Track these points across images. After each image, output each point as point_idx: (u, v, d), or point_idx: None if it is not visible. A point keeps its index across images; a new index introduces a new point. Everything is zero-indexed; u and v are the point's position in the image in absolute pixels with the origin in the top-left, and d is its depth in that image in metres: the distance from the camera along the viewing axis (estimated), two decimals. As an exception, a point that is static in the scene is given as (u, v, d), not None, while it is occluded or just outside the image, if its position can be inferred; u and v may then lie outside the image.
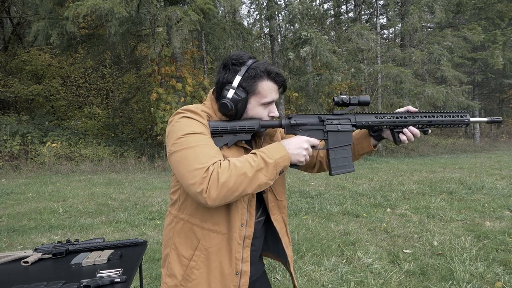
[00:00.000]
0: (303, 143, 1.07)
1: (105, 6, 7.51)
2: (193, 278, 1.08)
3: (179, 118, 1.05)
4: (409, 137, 1.18)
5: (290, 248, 1.31)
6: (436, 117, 1.18)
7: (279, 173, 1.01)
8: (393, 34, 20.59)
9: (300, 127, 1.15)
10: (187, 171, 0.95)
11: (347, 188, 6.54)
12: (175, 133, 1.02)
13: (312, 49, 10.35)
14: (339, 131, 1.16)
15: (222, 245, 1.08)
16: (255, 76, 1.07)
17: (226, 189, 0.92)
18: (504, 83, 16.47)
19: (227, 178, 0.92)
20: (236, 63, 1.08)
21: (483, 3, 14.09)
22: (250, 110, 1.11)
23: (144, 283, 2.76)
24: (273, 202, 1.21)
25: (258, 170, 0.96)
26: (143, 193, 6.56)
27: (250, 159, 0.98)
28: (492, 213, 4.55)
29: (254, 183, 0.96)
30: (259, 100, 1.10)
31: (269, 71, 1.08)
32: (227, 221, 1.08)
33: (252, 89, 1.08)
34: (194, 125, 1.03)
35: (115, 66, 15.54)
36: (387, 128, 1.20)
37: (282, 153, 1.01)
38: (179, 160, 0.98)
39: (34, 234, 4.15)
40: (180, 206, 1.13)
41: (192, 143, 0.98)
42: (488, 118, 1.21)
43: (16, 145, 10.10)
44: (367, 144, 1.26)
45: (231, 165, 0.95)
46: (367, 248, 3.40)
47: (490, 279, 2.69)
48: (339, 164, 1.17)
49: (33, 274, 1.42)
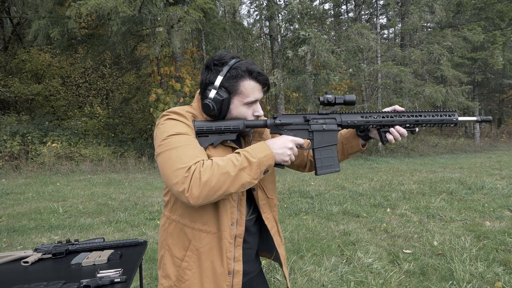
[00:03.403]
0: (287, 143, 1.07)
1: (108, 6, 7.51)
2: (186, 279, 1.08)
3: (164, 120, 1.06)
4: (396, 137, 1.17)
5: (283, 247, 1.30)
6: (424, 116, 1.17)
7: (263, 172, 1.01)
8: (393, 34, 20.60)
9: (285, 126, 1.14)
10: (170, 171, 0.96)
11: (347, 188, 6.54)
12: (161, 135, 1.03)
13: (310, 48, 10.36)
14: (324, 131, 1.16)
15: (213, 245, 1.08)
16: (237, 76, 1.07)
17: (208, 188, 0.92)
18: (504, 83, 16.46)
19: (209, 177, 0.92)
20: (218, 64, 1.09)
21: (483, 3, 14.09)
22: (234, 110, 1.11)
23: (144, 283, 2.76)
24: (264, 200, 1.21)
25: (241, 169, 0.96)
26: (143, 193, 6.56)
27: (234, 158, 0.98)
28: (492, 213, 4.55)
29: (237, 182, 0.96)
30: (242, 100, 1.10)
31: (250, 70, 1.08)
32: (216, 221, 1.08)
33: (234, 89, 1.08)
34: (178, 127, 1.04)
35: (115, 66, 15.54)
36: (373, 127, 1.19)
37: (266, 152, 1.01)
38: (163, 161, 0.99)
39: (34, 234, 4.15)
40: (172, 207, 1.14)
41: (176, 143, 0.99)
42: (478, 117, 1.20)
43: (16, 145, 10.11)
44: (355, 143, 1.26)
45: (214, 164, 0.95)
46: (367, 248, 3.40)
47: (490, 279, 2.69)
48: (324, 164, 1.17)
49: (33, 274, 1.42)
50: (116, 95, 16.65)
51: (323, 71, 11.14)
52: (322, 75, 10.91)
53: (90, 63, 14.94)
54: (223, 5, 12.38)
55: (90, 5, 7.49)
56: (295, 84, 11.43)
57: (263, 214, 1.20)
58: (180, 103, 9.77)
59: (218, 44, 11.29)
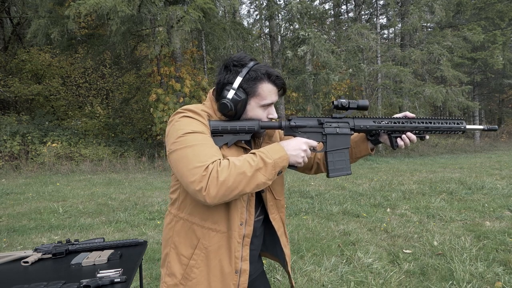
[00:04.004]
0: (301, 145, 1.08)
1: (107, 5, 7.50)
2: (192, 277, 1.08)
3: (179, 118, 1.06)
4: (406, 143, 1.21)
5: (288, 248, 1.32)
6: (433, 124, 1.22)
7: (277, 173, 1.02)
8: (393, 34, 20.61)
9: (299, 129, 1.16)
10: (186, 170, 0.95)
11: (347, 188, 6.54)
12: (175, 132, 1.02)
13: (310, 48, 10.36)
14: (337, 134, 1.18)
15: (222, 244, 1.08)
16: (256, 78, 1.08)
17: (225, 187, 0.93)
18: (504, 83, 16.47)
19: (226, 176, 0.93)
20: (237, 64, 1.09)
21: (483, 3, 14.10)
22: (250, 111, 1.12)
23: (144, 283, 2.76)
24: (272, 201, 1.22)
25: (257, 169, 0.97)
26: (143, 193, 6.56)
27: (250, 158, 0.98)
28: (492, 213, 4.55)
29: (253, 182, 0.97)
30: (258, 102, 1.11)
31: (269, 73, 1.09)
32: (227, 220, 1.08)
33: (252, 90, 1.09)
34: (194, 124, 1.04)
35: (115, 66, 15.55)
36: (384, 133, 1.22)
37: (281, 153, 1.02)
38: (179, 158, 0.99)
39: (34, 234, 4.14)
40: (180, 205, 1.13)
41: (192, 142, 0.99)
42: (484, 126, 1.27)
43: (16, 145, 10.10)
44: (364, 147, 1.28)
45: (231, 164, 0.96)
46: (367, 248, 3.40)
47: (490, 279, 2.69)
48: (336, 166, 1.19)
49: (33, 274, 1.42)
50: (116, 95, 16.65)
51: (323, 71, 11.15)
52: (322, 75, 10.92)
53: (90, 63, 14.93)
54: (223, 5, 12.38)
55: (89, 5, 7.49)
56: (295, 84, 11.43)
57: (270, 215, 1.21)
58: (180, 103, 9.76)
59: (218, 44, 11.29)
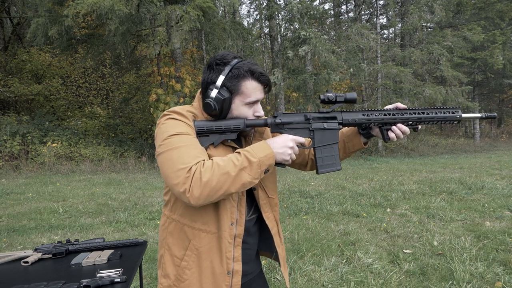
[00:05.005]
0: (288, 142, 1.06)
1: (105, 5, 7.51)
2: (185, 278, 1.08)
3: (165, 120, 1.06)
4: (398, 135, 1.15)
5: (282, 247, 1.30)
6: (426, 114, 1.14)
7: (264, 172, 1.01)
8: (393, 34, 20.61)
9: (285, 125, 1.14)
10: (171, 172, 0.96)
11: (347, 188, 6.54)
12: (161, 134, 1.03)
13: (310, 48, 10.36)
14: (325, 129, 1.15)
15: (213, 245, 1.08)
16: (239, 76, 1.07)
17: (209, 188, 0.93)
18: (504, 83, 16.46)
19: (210, 177, 0.92)
20: (220, 63, 1.08)
21: (483, 3, 14.10)
22: (235, 109, 1.10)
23: (144, 283, 2.76)
24: (265, 199, 1.20)
25: (242, 169, 0.96)
26: (143, 193, 6.56)
27: (234, 158, 0.98)
28: (492, 213, 4.55)
29: (238, 182, 0.96)
30: (243, 100, 1.09)
31: (252, 70, 1.08)
32: (216, 220, 1.08)
33: (236, 88, 1.08)
34: (179, 126, 1.04)
35: (115, 66, 15.55)
36: (375, 125, 1.18)
37: (266, 151, 1.01)
38: (164, 161, 0.99)
39: (34, 234, 4.15)
40: (172, 206, 1.14)
41: (177, 143, 0.99)
42: (482, 114, 1.16)
43: (16, 145, 10.10)
44: (357, 141, 1.25)
45: (214, 164, 0.95)
46: (367, 248, 3.40)
47: (490, 279, 2.69)
48: (325, 162, 1.16)
49: (33, 274, 1.42)
50: (116, 95, 16.65)
51: (324, 71, 11.14)
52: (323, 75, 10.91)
53: (90, 63, 14.94)
54: (223, 5, 12.39)
55: (87, 4, 7.50)
56: (295, 84, 11.43)
57: (263, 214, 1.20)
58: (180, 103, 9.77)
59: (218, 44, 11.30)
